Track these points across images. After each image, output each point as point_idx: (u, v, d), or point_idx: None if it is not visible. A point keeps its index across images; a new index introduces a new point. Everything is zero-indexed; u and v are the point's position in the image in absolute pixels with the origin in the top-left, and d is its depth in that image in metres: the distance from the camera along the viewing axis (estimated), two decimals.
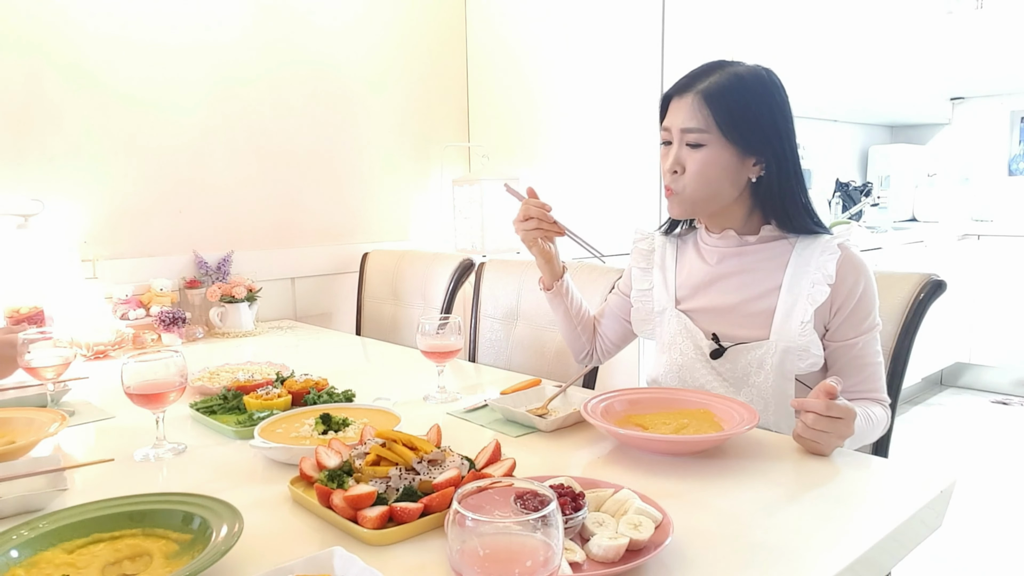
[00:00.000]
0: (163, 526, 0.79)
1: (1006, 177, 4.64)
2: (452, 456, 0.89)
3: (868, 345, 1.21)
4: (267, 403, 1.22)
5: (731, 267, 1.27)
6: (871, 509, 0.85)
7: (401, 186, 2.72)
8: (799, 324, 1.19)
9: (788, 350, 1.20)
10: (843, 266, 1.19)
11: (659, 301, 1.37)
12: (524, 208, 1.38)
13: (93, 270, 2.00)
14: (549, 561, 0.56)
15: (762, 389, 1.22)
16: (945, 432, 3.59)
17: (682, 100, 1.22)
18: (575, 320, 1.49)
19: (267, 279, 2.34)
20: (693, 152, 1.21)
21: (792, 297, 1.20)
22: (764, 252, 1.26)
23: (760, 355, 1.22)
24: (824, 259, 1.19)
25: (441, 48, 2.78)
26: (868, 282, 1.20)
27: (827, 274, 1.18)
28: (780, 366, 1.20)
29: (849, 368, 1.22)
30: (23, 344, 1.32)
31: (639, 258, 1.43)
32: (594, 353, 1.54)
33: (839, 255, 1.19)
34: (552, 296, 1.48)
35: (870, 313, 1.21)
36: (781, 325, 1.20)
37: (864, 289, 1.20)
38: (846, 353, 1.21)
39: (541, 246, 1.40)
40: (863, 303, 1.20)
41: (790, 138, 1.22)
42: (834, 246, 1.20)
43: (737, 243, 1.27)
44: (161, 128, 2.14)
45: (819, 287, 1.18)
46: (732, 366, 1.25)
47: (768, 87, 1.21)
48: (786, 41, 3.34)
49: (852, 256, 1.21)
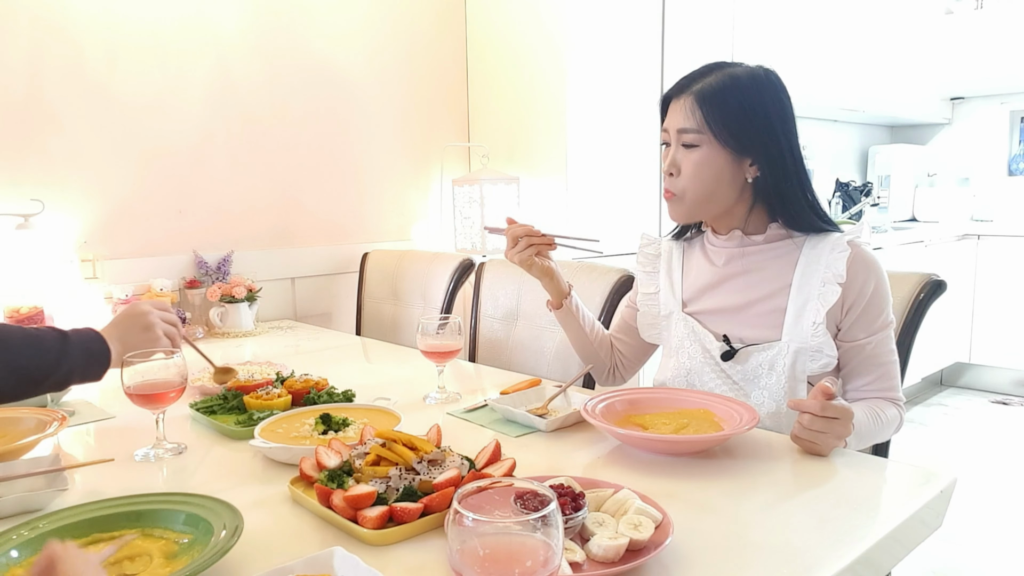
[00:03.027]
0: (163, 526, 0.79)
1: (1006, 177, 4.64)
2: (452, 456, 0.89)
3: (881, 344, 1.20)
4: (267, 403, 1.22)
5: (739, 267, 1.26)
6: (871, 509, 0.85)
7: (401, 186, 2.72)
8: (811, 325, 1.17)
9: (801, 351, 1.18)
10: (853, 264, 1.17)
11: (665, 305, 1.36)
12: (510, 233, 1.35)
13: (93, 270, 2.00)
14: (549, 561, 0.56)
15: (773, 391, 1.21)
16: (945, 432, 3.59)
17: (679, 101, 1.22)
18: (589, 336, 1.45)
19: (267, 279, 2.34)
20: (688, 153, 1.21)
21: (803, 296, 1.19)
22: (772, 251, 1.24)
23: (772, 356, 1.20)
24: (834, 257, 1.18)
25: (441, 48, 2.78)
26: (879, 280, 1.19)
27: (837, 273, 1.16)
28: (792, 367, 1.19)
29: (862, 368, 1.20)
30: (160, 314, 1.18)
31: (645, 262, 1.41)
32: (616, 371, 1.50)
33: (849, 253, 1.17)
34: (563, 315, 1.44)
35: (883, 312, 1.19)
36: (792, 325, 1.19)
37: (876, 288, 1.18)
38: (859, 353, 1.20)
39: (539, 264, 1.36)
40: (875, 302, 1.18)
41: (788, 138, 1.21)
42: (844, 244, 1.18)
43: (744, 243, 1.26)
44: (161, 128, 2.14)
45: (830, 286, 1.16)
46: (743, 368, 1.23)
47: (765, 87, 1.21)
48: (786, 41, 3.34)
49: (863, 254, 1.19)
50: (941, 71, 4.46)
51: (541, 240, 1.34)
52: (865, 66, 3.91)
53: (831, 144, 4.56)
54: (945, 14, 4.42)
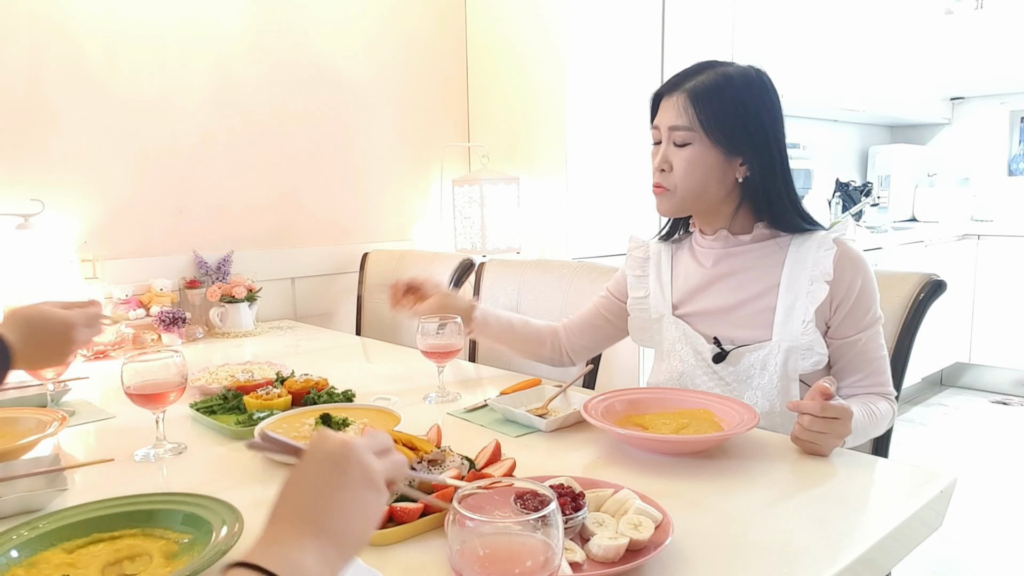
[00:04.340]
0: (163, 526, 0.79)
1: (1006, 177, 4.64)
2: (452, 456, 0.89)
3: (871, 340, 1.20)
4: (267, 403, 1.22)
5: (727, 268, 1.27)
6: (871, 509, 0.85)
7: (401, 186, 2.72)
8: (801, 323, 1.18)
9: (791, 350, 1.19)
10: (840, 262, 1.18)
11: (656, 308, 1.36)
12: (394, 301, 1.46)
13: (93, 270, 2.00)
14: (549, 561, 0.56)
15: (767, 391, 1.21)
16: (945, 432, 3.59)
17: (670, 99, 1.23)
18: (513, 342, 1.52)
19: (267, 279, 2.34)
20: (680, 151, 1.22)
21: (791, 295, 1.20)
22: (759, 251, 1.25)
23: (763, 356, 1.21)
24: (820, 255, 1.18)
25: (441, 48, 2.78)
26: (866, 276, 1.19)
27: (825, 271, 1.17)
28: (784, 366, 1.19)
29: (853, 364, 1.21)
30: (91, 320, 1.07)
31: (634, 266, 1.41)
32: (564, 359, 1.53)
33: (835, 251, 1.18)
34: (477, 336, 1.50)
35: (871, 308, 1.20)
36: (782, 324, 1.20)
37: (863, 284, 1.19)
38: (849, 350, 1.21)
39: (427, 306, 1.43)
40: (863, 298, 1.19)
41: (777, 138, 1.22)
42: (829, 241, 1.19)
43: (731, 243, 1.27)
44: (161, 128, 2.14)
45: (818, 284, 1.17)
46: (735, 369, 1.24)
47: (756, 88, 1.21)
48: (786, 41, 3.34)
49: (848, 251, 1.20)
50: (941, 71, 4.46)
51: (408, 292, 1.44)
52: (865, 66, 3.91)
53: (831, 144, 4.56)
54: (945, 14, 4.42)
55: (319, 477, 0.52)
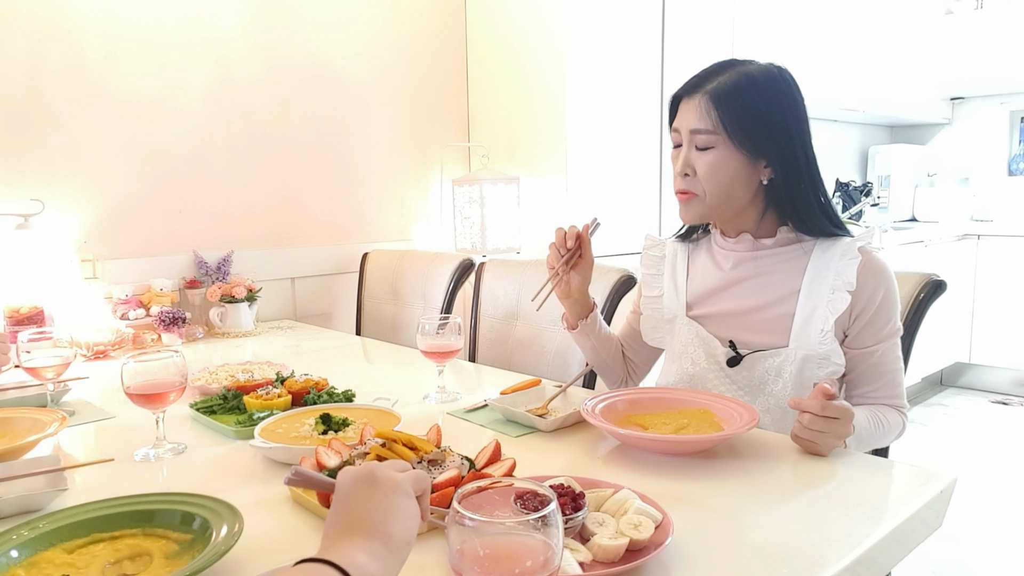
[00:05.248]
0: (163, 526, 0.79)
1: (1006, 177, 4.64)
2: (452, 456, 0.89)
3: (888, 352, 1.18)
4: (267, 403, 1.22)
5: (747, 271, 1.24)
6: (871, 509, 0.85)
7: (401, 186, 2.72)
8: (819, 332, 1.15)
9: (808, 358, 1.16)
10: (864, 272, 1.15)
11: (669, 308, 1.33)
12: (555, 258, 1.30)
13: (93, 270, 2.00)
14: (549, 561, 0.56)
15: (780, 398, 1.19)
16: (945, 432, 3.59)
17: (691, 101, 1.18)
18: (603, 353, 1.41)
19: (267, 279, 2.34)
20: (703, 154, 1.18)
21: (811, 303, 1.17)
22: (781, 255, 1.22)
23: (779, 363, 1.19)
24: (844, 264, 1.15)
25: (441, 48, 2.78)
26: (889, 288, 1.17)
27: (847, 281, 1.14)
28: (799, 374, 1.17)
29: (868, 375, 1.19)
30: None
31: (649, 264, 1.38)
32: (628, 380, 1.47)
33: (859, 260, 1.15)
34: (578, 334, 1.39)
35: (891, 319, 1.17)
36: (800, 332, 1.17)
37: (885, 295, 1.16)
38: (865, 360, 1.18)
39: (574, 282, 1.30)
40: (883, 310, 1.16)
41: (803, 138, 1.18)
42: (854, 250, 1.16)
43: (753, 247, 1.24)
44: (161, 128, 2.14)
45: (839, 294, 1.14)
46: (749, 374, 1.22)
47: (780, 87, 1.17)
48: (786, 41, 3.33)
49: (873, 261, 1.17)
50: (941, 71, 4.46)
51: (568, 258, 1.29)
52: (865, 66, 3.91)
53: (831, 144, 4.56)
54: (945, 14, 4.42)
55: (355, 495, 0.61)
